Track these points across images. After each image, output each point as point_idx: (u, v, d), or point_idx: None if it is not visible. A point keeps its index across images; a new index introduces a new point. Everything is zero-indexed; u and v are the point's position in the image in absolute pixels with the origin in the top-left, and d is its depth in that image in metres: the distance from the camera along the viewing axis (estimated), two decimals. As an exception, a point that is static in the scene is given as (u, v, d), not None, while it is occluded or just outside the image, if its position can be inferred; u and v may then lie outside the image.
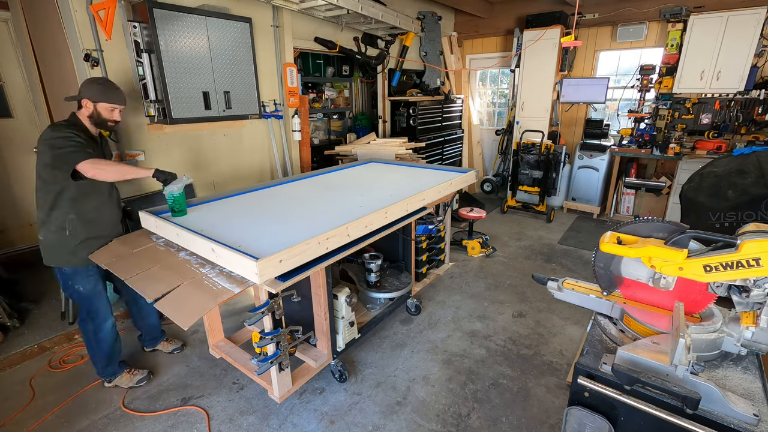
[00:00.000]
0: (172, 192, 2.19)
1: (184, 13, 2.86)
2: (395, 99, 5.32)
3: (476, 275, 3.87)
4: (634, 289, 1.41)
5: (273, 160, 4.05)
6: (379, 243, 2.52)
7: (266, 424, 2.19)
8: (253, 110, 3.51)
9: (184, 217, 2.29)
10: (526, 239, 4.80)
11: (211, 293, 1.66)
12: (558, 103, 5.65)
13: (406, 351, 2.76)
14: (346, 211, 2.36)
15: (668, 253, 1.20)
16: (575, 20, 5.31)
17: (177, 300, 1.67)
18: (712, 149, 4.58)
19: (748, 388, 1.15)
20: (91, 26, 2.67)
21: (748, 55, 4.24)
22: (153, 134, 3.11)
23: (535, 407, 2.28)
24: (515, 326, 3.04)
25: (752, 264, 1.08)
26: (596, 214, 5.56)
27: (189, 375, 2.56)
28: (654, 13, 4.91)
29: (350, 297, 2.41)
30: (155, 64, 2.81)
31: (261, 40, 3.67)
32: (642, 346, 1.21)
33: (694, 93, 4.73)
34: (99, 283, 2.28)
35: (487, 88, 7.10)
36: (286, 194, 2.80)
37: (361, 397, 2.37)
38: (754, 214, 2.80)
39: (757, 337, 1.17)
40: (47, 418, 2.21)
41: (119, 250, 2.15)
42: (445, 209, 3.44)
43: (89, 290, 2.23)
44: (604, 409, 1.23)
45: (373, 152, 4.37)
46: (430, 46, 5.61)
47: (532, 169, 5.40)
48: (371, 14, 4.06)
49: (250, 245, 1.86)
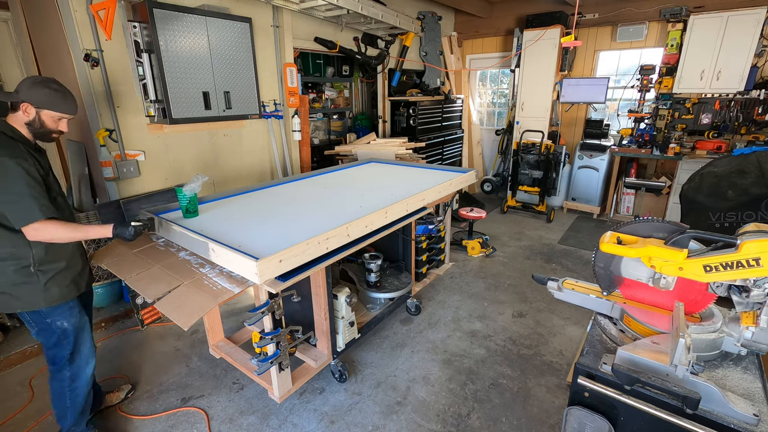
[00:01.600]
0: (190, 191, 2.12)
1: (184, 13, 2.86)
2: (395, 99, 5.32)
3: (476, 275, 3.87)
4: (634, 289, 1.41)
5: (273, 160, 4.05)
6: (379, 243, 2.52)
7: (266, 424, 2.19)
8: (253, 110, 3.51)
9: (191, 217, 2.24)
10: (526, 239, 4.80)
11: (212, 293, 1.66)
12: (558, 103, 5.65)
13: (406, 351, 2.76)
14: (346, 211, 2.36)
15: (668, 253, 1.20)
16: (575, 20, 5.31)
17: (177, 300, 1.67)
18: (712, 149, 4.58)
19: (748, 388, 1.15)
20: (91, 26, 2.67)
21: (748, 55, 4.24)
22: (153, 134, 3.11)
23: (535, 407, 2.28)
24: (515, 326, 3.04)
25: (752, 264, 1.08)
26: (596, 214, 5.56)
27: (189, 375, 2.56)
28: (654, 13, 4.92)
29: (350, 297, 2.41)
30: (155, 64, 2.81)
31: (261, 40, 3.67)
32: (642, 346, 1.21)
33: (694, 93, 4.73)
34: (83, 313, 1.94)
35: (487, 88, 7.10)
36: (286, 194, 2.80)
37: (361, 397, 2.37)
38: (754, 214, 2.80)
39: (757, 337, 1.17)
40: (47, 418, 2.21)
41: (119, 250, 2.14)
42: (445, 209, 3.43)
43: (74, 324, 1.88)
44: (604, 409, 1.23)
45: (373, 152, 4.37)
46: (430, 46, 5.61)
47: (532, 169, 5.40)
48: (371, 14, 4.06)
49: (250, 245, 1.86)
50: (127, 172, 3.00)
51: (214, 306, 1.61)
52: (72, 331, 1.88)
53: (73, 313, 1.88)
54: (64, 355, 1.89)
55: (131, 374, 2.57)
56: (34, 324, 1.83)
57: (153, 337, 2.95)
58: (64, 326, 1.86)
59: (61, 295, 1.80)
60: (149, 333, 3.00)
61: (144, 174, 3.11)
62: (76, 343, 1.92)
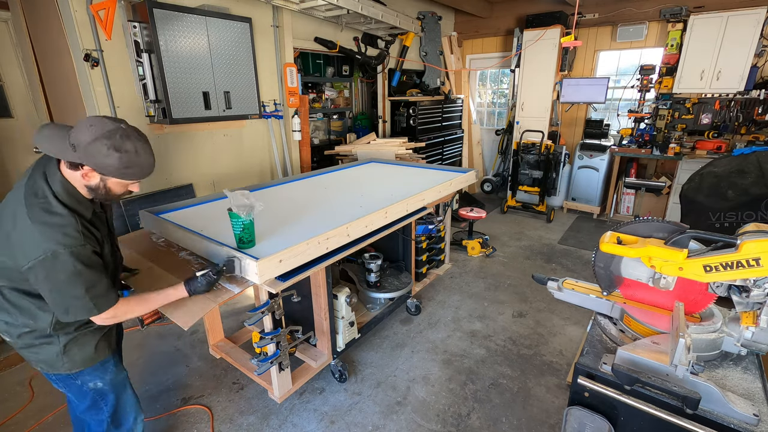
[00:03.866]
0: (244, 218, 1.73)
1: (184, 13, 2.86)
2: (395, 99, 5.32)
3: (476, 275, 3.87)
4: (634, 289, 1.41)
5: (273, 160, 4.05)
6: (379, 243, 2.52)
7: (266, 424, 2.19)
8: (253, 110, 3.51)
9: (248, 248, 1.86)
10: (526, 239, 4.80)
11: (212, 293, 1.66)
12: (558, 103, 5.65)
13: (406, 351, 2.76)
14: (346, 211, 2.36)
15: (668, 253, 1.20)
16: (575, 20, 5.31)
17: (177, 300, 1.67)
18: (712, 149, 4.58)
19: (748, 388, 1.15)
20: (91, 26, 2.67)
21: (748, 55, 4.23)
22: (153, 134, 3.11)
23: (535, 407, 2.28)
24: (515, 326, 3.04)
25: (752, 264, 1.08)
26: (596, 214, 5.56)
27: (189, 375, 2.56)
28: (654, 13, 4.91)
29: (350, 297, 2.41)
30: (155, 64, 2.81)
31: (261, 40, 3.67)
32: (642, 346, 1.21)
33: (694, 93, 4.73)
34: (120, 366, 1.64)
35: (487, 88, 7.10)
36: (286, 194, 2.80)
37: (361, 397, 2.37)
38: (754, 214, 2.80)
39: (757, 337, 1.17)
40: (47, 419, 2.21)
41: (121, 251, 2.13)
42: (445, 209, 3.43)
43: (111, 381, 1.57)
44: (604, 409, 1.23)
45: (373, 152, 4.37)
46: (430, 46, 5.61)
47: (532, 169, 5.40)
48: (371, 14, 4.06)
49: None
50: (127, 172, 2.99)
51: (215, 306, 1.60)
52: (110, 390, 1.57)
53: (107, 370, 1.55)
54: (102, 419, 1.58)
55: (131, 374, 2.54)
56: (61, 384, 1.51)
57: (153, 337, 2.95)
58: (98, 386, 1.54)
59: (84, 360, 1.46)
60: (149, 333, 3.00)
61: (144, 174, 3.11)
62: (118, 404, 1.61)
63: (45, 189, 1.27)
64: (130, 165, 1.28)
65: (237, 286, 1.71)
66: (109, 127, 1.25)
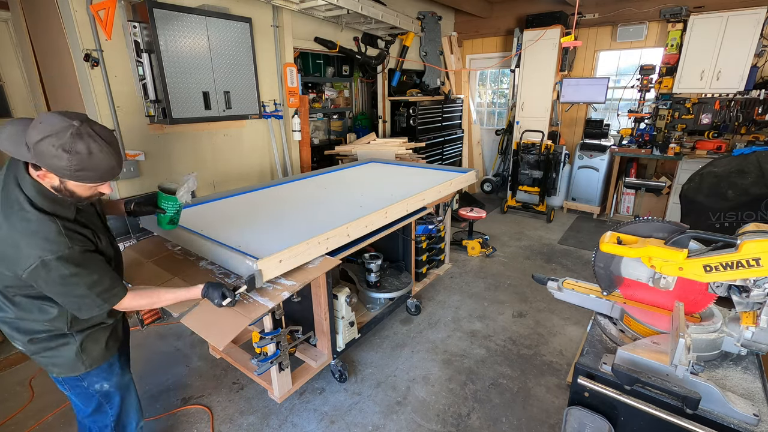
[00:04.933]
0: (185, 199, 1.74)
1: (184, 13, 2.86)
2: (395, 99, 5.32)
3: (476, 275, 3.87)
4: (634, 289, 1.41)
5: (273, 160, 4.05)
6: (379, 243, 2.52)
7: (266, 424, 2.19)
8: (253, 110, 3.51)
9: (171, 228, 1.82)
10: (526, 239, 4.80)
11: (242, 307, 1.57)
12: (558, 103, 5.65)
13: (406, 351, 2.76)
14: (346, 211, 2.36)
15: (668, 253, 1.20)
16: (575, 20, 5.31)
17: (206, 316, 1.57)
18: (712, 149, 4.58)
19: (748, 388, 1.15)
20: (91, 26, 2.67)
21: (748, 55, 4.23)
22: (153, 134, 3.11)
23: (535, 407, 2.28)
24: (515, 326, 3.04)
25: (752, 264, 1.08)
26: (596, 214, 5.56)
27: (189, 375, 2.56)
28: (654, 13, 4.91)
29: (350, 297, 2.41)
30: (155, 64, 2.81)
31: (261, 40, 3.67)
32: (642, 346, 1.21)
33: (694, 93, 4.73)
34: (126, 369, 1.65)
35: (486, 88, 7.10)
36: (286, 194, 2.80)
37: (361, 397, 2.37)
38: (754, 214, 2.80)
39: (757, 337, 1.17)
40: (47, 419, 2.21)
41: (133, 258, 2.03)
42: (445, 209, 3.43)
43: (117, 383, 1.57)
44: (604, 409, 1.23)
45: (373, 152, 4.37)
46: (430, 46, 5.60)
47: (532, 169, 5.40)
48: (371, 14, 4.06)
49: (250, 245, 1.86)
50: (127, 173, 2.99)
51: (248, 323, 1.49)
52: (115, 393, 1.56)
53: (113, 371, 1.54)
54: (106, 423, 1.57)
55: (131, 374, 2.57)
56: (68, 388, 1.50)
57: (153, 337, 2.95)
58: (105, 388, 1.53)
59: (99, 357, 1.48)
60: (149, 333, 3.00)
61: (144, 174, 3.11)
62: (123, 407, 1.59)
63: (18, 195, 1.20)
64: (81, 167, 1.15)
65: (270, 299, 1.62)
66: (59, 125, 1.12)
